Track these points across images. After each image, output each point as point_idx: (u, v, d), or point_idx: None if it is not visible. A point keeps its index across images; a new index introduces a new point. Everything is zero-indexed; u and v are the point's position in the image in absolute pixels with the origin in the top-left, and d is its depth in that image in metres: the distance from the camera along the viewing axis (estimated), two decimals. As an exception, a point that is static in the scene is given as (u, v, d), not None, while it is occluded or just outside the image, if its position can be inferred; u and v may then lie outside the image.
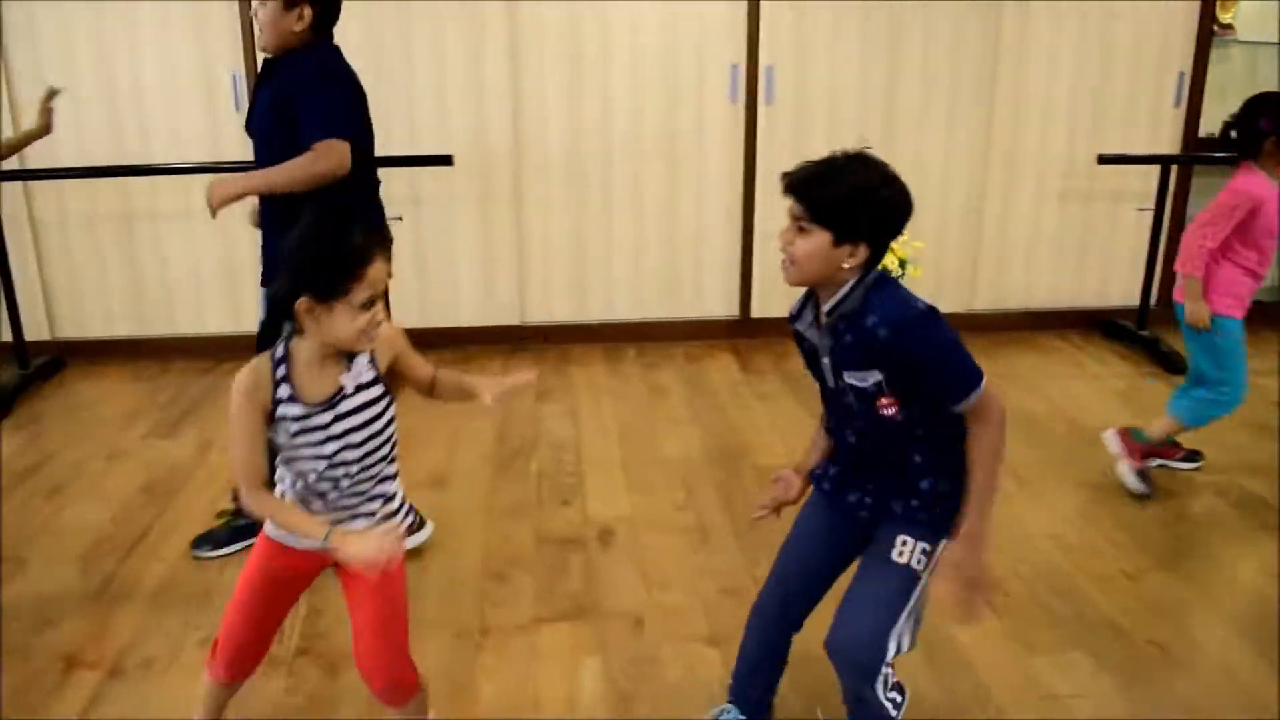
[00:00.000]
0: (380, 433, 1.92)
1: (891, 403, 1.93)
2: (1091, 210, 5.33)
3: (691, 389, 4.60)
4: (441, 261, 4.89)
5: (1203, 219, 3.44)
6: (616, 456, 3.89)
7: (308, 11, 2.82)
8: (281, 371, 1.84)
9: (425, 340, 5.26)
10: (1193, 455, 3.85)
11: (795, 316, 2.06)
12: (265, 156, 2.89)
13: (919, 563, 2.00)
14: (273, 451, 1.92)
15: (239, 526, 3.20)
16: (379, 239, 1.80)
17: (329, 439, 1.86)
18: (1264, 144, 3.33)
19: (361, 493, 1.95)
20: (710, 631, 2.82)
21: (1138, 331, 5.25)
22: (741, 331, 5.20)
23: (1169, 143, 5.28)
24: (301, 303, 1.76)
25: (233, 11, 4.54)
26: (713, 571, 3.12)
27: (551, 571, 3.11)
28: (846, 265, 1.87)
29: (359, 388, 1.87)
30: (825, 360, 1.98)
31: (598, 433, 4.10)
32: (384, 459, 1.96)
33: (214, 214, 2.84)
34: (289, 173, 2.79)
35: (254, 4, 2.84)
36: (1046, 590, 3.03)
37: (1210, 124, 5.40)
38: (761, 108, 4.91)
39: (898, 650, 1.98)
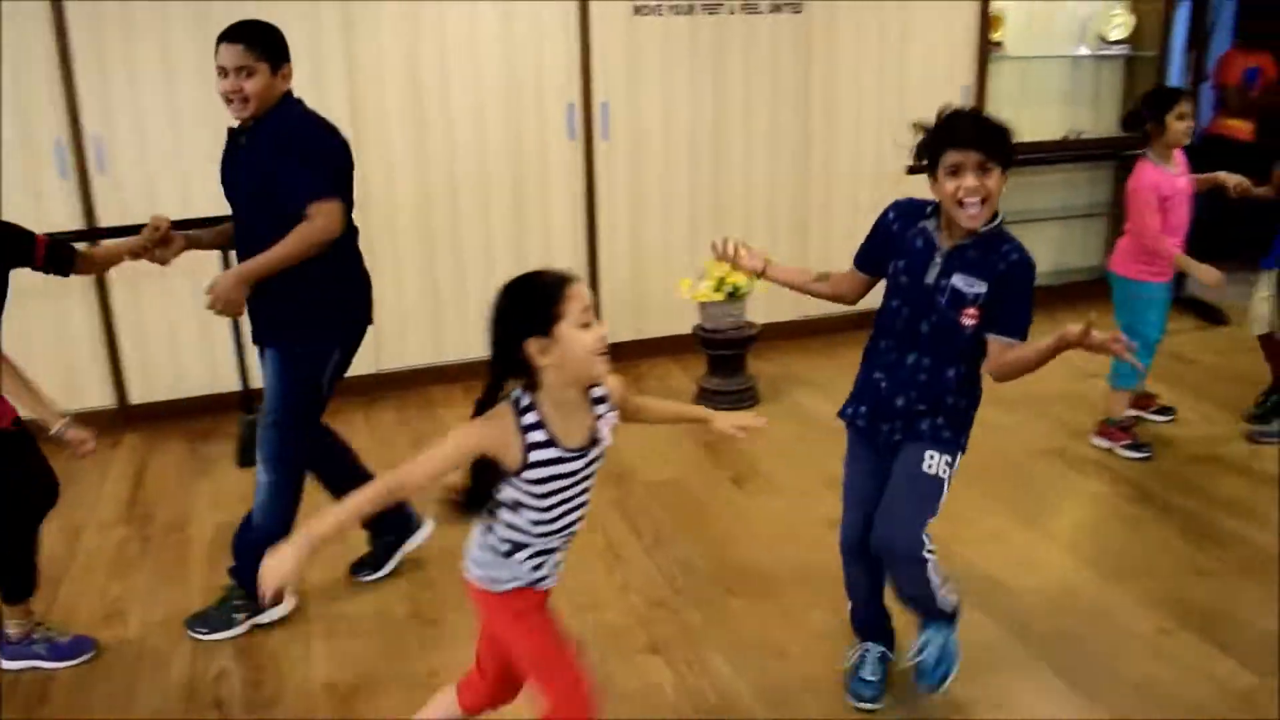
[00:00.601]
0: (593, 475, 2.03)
1: (975, 314, 2.34)
2: (900, 216, 5.82)
3: (561, 418, 4.73)
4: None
5: (1136, 223, 4.03)
6: (510, 490, 3.98)
7: (289, 68, 2.91)
8: (531, 419, 1.89)
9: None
10: (1166, 409, 4.53)
11: (919, 215, 2.48)
12: (249, 217, 2.97)
13: (943, 473, 2.46)
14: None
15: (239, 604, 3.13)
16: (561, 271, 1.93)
17: (577, 486, 1.97)
18: (1146, 128, 3.98)
19: (573, 534, 2.07)
20: (649, 641, 2.99)
21: (951, 323, 5.77)
22: (595, 358, 5.38)
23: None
24: (530, 345, 1.83)
25: (54, 76, 4.38)
26: (635, 587, 3.29)
27: (482, 608, 3.20)
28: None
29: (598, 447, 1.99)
30: (937, 260, 2.40)
31: (484, 470, 4.17)
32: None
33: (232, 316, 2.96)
34: (287, 250, 2.84)
35: (231, 82, 2.82)
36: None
37: (993, 131, 5.98)
38: (598, 143, 5.13)
39: (927, 543, 2.44)
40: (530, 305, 1.86)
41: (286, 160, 2.83)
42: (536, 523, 1.97)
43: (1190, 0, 6.64)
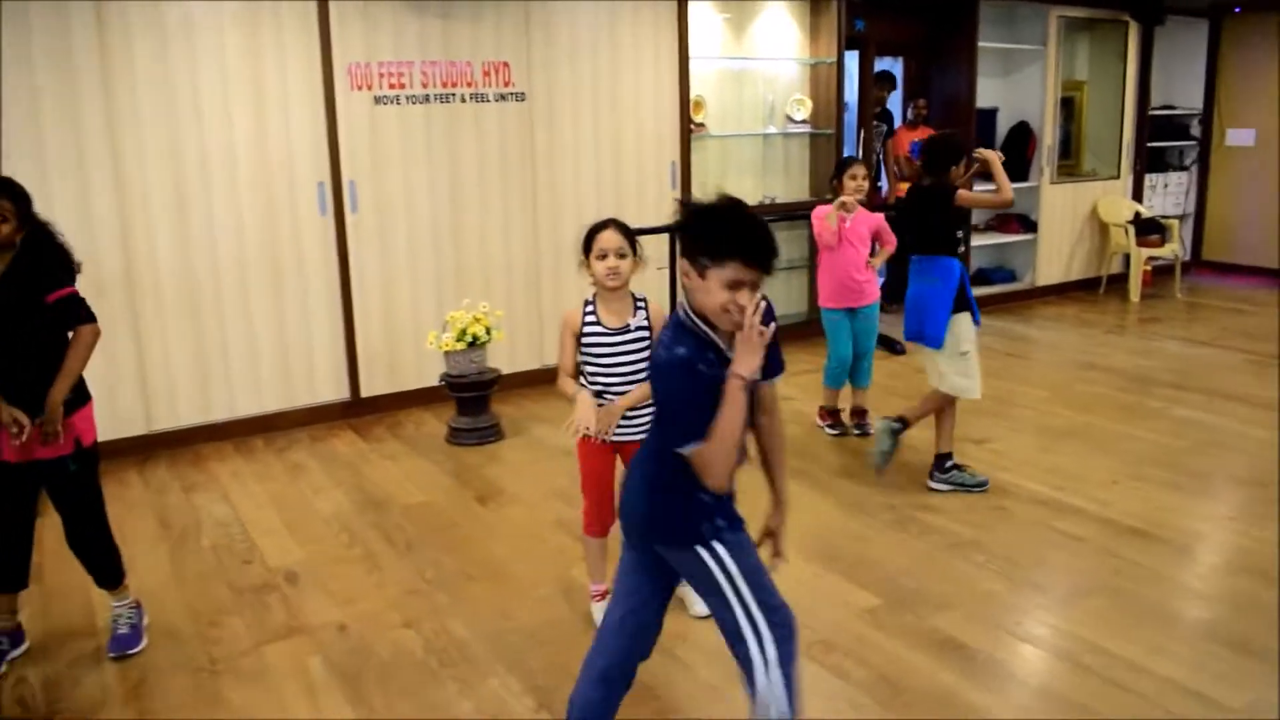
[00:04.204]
0: (640, 361, 3.20)
1: None
2: (624, 274, 6.66)
3: (325, 461, 5.24)
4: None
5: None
6: (278, 521, 4.47)
7: None
8: (590, 309, 3.27)
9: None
10: (839, 424, 5.54)
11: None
12: None
13: None
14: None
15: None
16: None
17: (616, 355, 3.22)
18: (833, 184, 5.21)
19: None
20: (403, 619, 3.57)
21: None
22: (355, 411, 5.91)
23: (673, 216, 6.72)
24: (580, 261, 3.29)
25: None
26: (391, 583, 3.86)
27: (255, 611, 3.69)
28: None
29: (635, 329, 3.25)
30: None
31: (254, 508, 4.64)
32: (643, 378, 3.19)
33: None
34: None
35: None
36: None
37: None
38: (348, 217, 5.72)
39: None
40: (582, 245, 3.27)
41: None
42: (592, 378, 3.26)
43: (857, 89, 7.89)
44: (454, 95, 5.91)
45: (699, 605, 3.53)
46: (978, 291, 8.49)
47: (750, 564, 2.34)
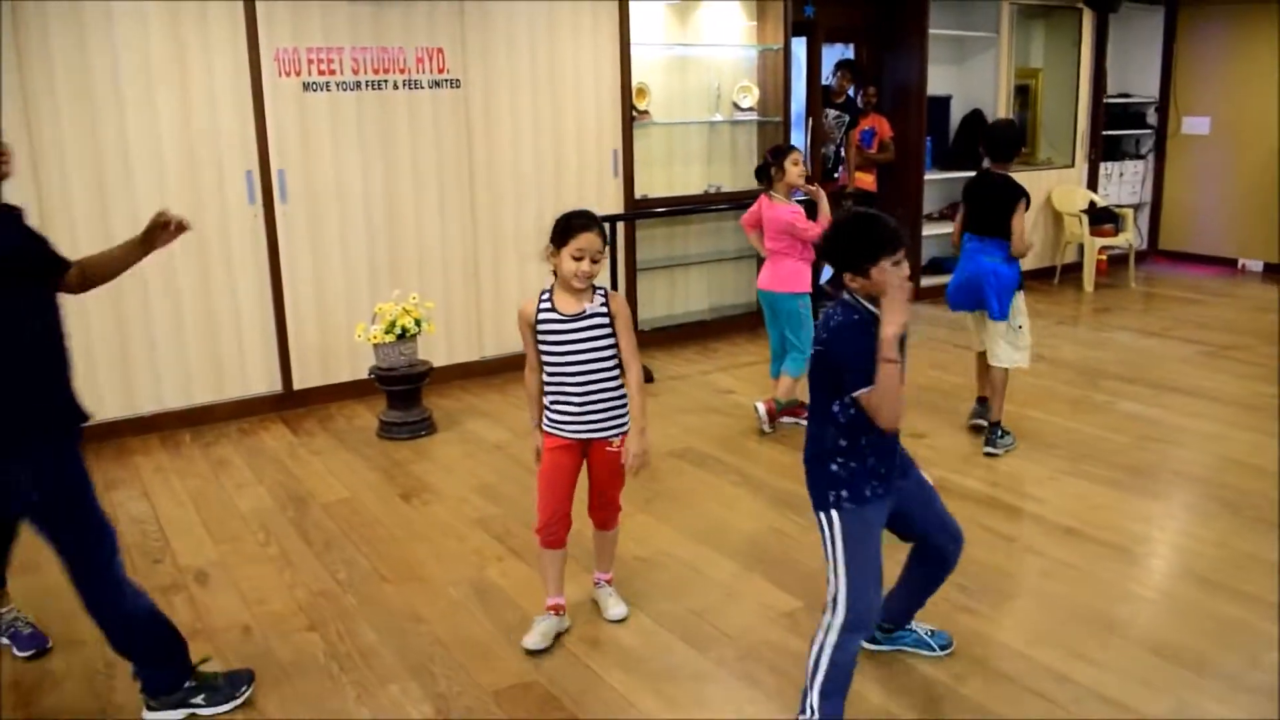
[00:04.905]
0: (597, 350, 3.13)
1: None
2: (566, 264, 6.54)
3: (251, 456, 5.12)
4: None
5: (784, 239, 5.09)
6: (195, 519, 4.36)
7: None
8: (546, 296, 3.14)
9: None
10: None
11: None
12: None
13: None
14: None
15: None
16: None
17: (572, 344, 3.10)
18: (770, 172, 5.04)
19: (589, 387, 3.15)
20: (309, 622, 3.47)
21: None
22: (287, 404, 5.78)
23: (614, 204, 6.64)
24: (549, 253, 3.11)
25: None
26: (301, 583, 3.76)
27: (159, 613, 3.57)
28: None
29: (590, 314, 3.11)
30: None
31: (173, 504, 4.52)
32: (602, 369, 3.15)
33: None
34: None
35: None
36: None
37: (641, 188, 6.83)
38: (278, 207, 5.58)
39: None
40: (554, 232, 3.09)
41: None
42: (550, 370, 3.17)
43: (805, 76, 7.80)
44: (386, 82, 5.78)
45: (614, 609, 3.45)
46: (932, 281, 8.46)
47: (861, 541, 2.73)
